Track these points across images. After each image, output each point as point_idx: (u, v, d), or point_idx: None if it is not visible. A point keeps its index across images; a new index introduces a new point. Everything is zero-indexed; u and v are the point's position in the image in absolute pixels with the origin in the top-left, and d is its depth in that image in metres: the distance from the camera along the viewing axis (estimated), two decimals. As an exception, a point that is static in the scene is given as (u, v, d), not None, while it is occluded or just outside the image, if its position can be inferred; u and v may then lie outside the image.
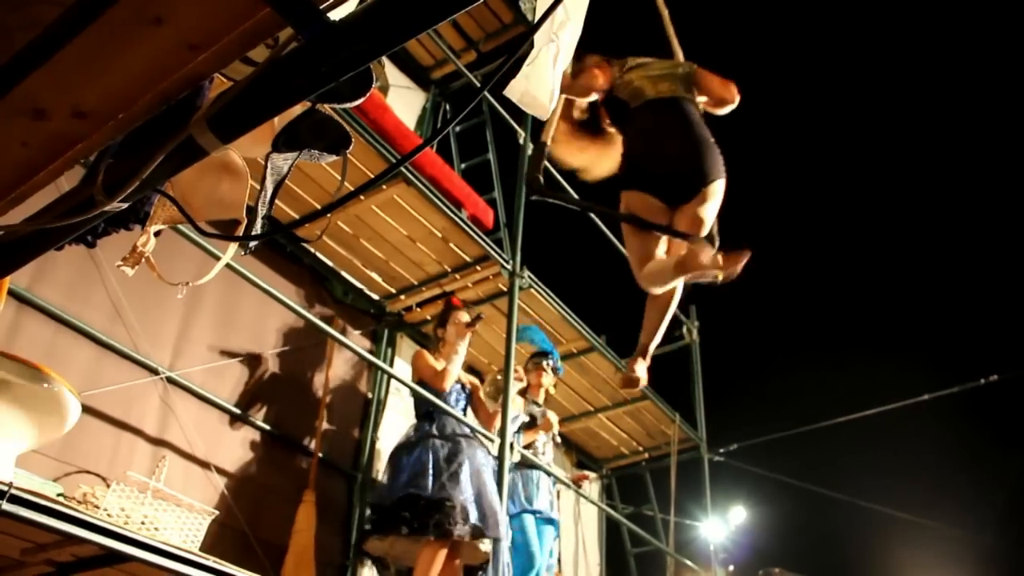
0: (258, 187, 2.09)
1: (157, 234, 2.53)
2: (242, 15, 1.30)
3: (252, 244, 2.14)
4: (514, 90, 2.24)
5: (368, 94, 2.08)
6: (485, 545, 4.76)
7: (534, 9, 5.54)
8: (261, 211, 1.97)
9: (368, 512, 5.08)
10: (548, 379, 6.11)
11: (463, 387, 5.39)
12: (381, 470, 5.31)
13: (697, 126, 3.36)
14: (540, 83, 2.22)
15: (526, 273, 5.91)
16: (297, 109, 2.21)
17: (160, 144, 1.43)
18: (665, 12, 3.81)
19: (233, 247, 2.36)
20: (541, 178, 3.20)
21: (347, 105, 2.37)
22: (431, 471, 4.71)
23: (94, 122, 1.48)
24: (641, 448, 8.52)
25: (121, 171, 1.50)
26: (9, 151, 1.53)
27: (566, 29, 2.29)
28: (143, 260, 2.40)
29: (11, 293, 3.95)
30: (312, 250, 5.82)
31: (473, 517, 4.59)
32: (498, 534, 4.66)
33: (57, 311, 4.20)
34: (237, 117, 1.39)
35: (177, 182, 2.45)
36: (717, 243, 3.32)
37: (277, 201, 5.26)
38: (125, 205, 1.52)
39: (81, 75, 1.40)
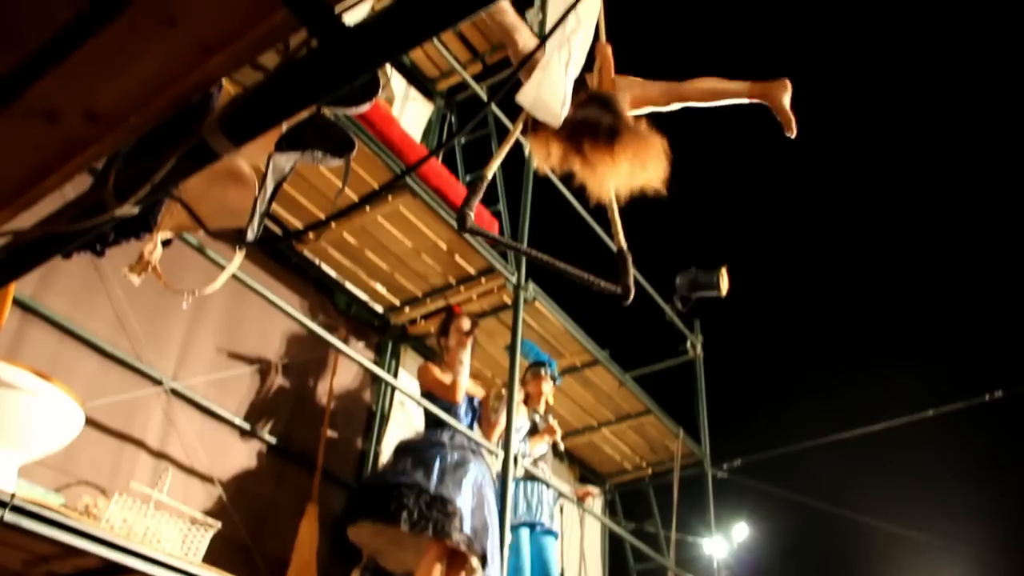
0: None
1: (165, 243, 2.51)
2: (258, 16, 1.28)
3: (251, 239, 2.11)
4: (526, 97, 2.22)
5: (374, 101, 2.07)
6: (476, 563, 4.68)
7: (541, 22, 5.54)
8: (260, 208, 1.95)
9: (356, 491, 4.98)
10: (548, 387, 6.08)
11: (471, 400, 5.35)
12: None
13: None
14: (552, 90, 2.20)
15: (531, 286, 5.89)
16: (302, 114, 2.20)
17: (172, 147, 1.41)
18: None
19: (239, 257, 2.34)
20: (471, 214, 3.14)
21: (354, 111, 2.36)
22: (436, 469, 4.65)
23: (107, 125, 1.46)
24: (644, 463, 8.47)
25: (132, 175, 1.48)
26: (21, 153, 1.51)
27: (578, 35, 2.27)
28: (150, 268, 2.38)
29: (16, 302, 3.92)
30: (317, 261, 5.80)
31: (467, 527, 4.54)
32: (485, 550, 4.57)
33: (61, 321, 4.18)
34: (250, 120, 1.37)
35: (185, 190, 2.43)
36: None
37: (283, 211, 5.29)
38: (136, 210, 1.50)
39: (94, 77, 1.39)
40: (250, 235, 2.09)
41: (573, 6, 2.14)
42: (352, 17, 1.43)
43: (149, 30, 1.30)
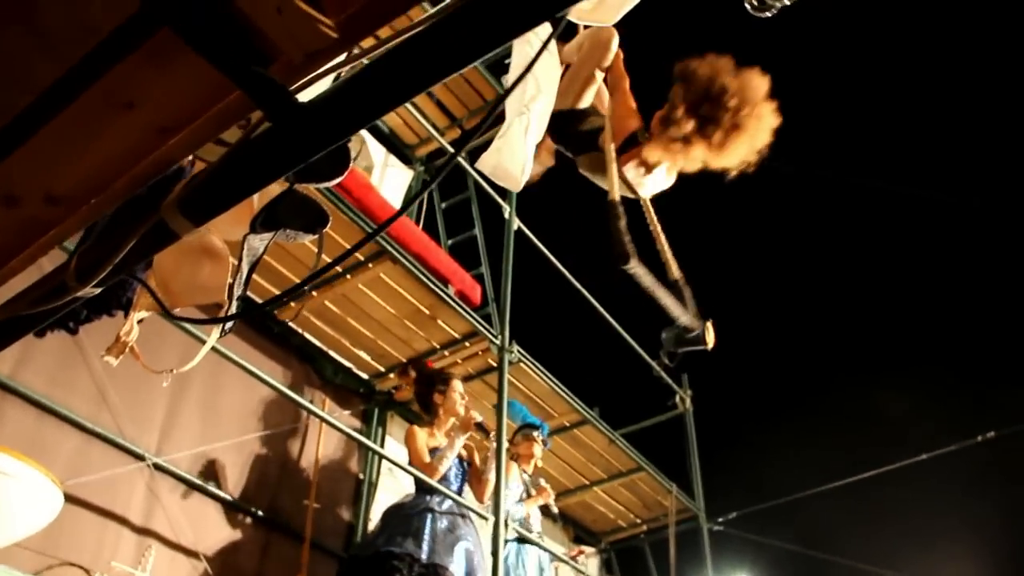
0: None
1: (140, 321, 2.51)
2: (213, 98, 1.30)
3: (230, 325, 2.11)
4: (486, 164, 2.24)
5: (346, 172, 2.09)
6: None
7: (503, 91, 5.62)
8: (237, 292, 1.95)
9: (347, 562, 4.90)
10: (539, 450, 6.03)
11: (461, 461, 5.30)
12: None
13: None
14: (512, 156, 2.22)
15: (515, 347, 5.88)
16: (276, 189, 2.22)
17: (132, 229, 1.43)
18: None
19: (216, 332, 2.34)
20: (630, 248, 2.97)
21: (325, 184, 2.38)
22: (427, 536, 4.61)
23: (67, 207, 1.47)
24: (639, 520, 8.41)
25: (94, 256, 1.48)
26: (-19, 239, 1.52)
27: (538, 101, 2.30)
28: (127, 349, 2.37)
29: (-7, 382, 3.92)
30: (299, 330, 5.80)
31: None
32: None
33: (40, 398, 4.16)
34: (208, 200, 1.38)
35: (157, 267, 2.44)
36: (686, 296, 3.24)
37: (261, 280, 5.30)
38: (97, 291, 1.50)
39: (53, 161, 1.40)
40: (228, 324, 2.08)
41: (525, 73, 2.18)
42: (314, 90, 1.45)
43: (106, 114, 1.32)
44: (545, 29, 2.44)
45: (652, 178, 3.22)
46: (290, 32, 1.18)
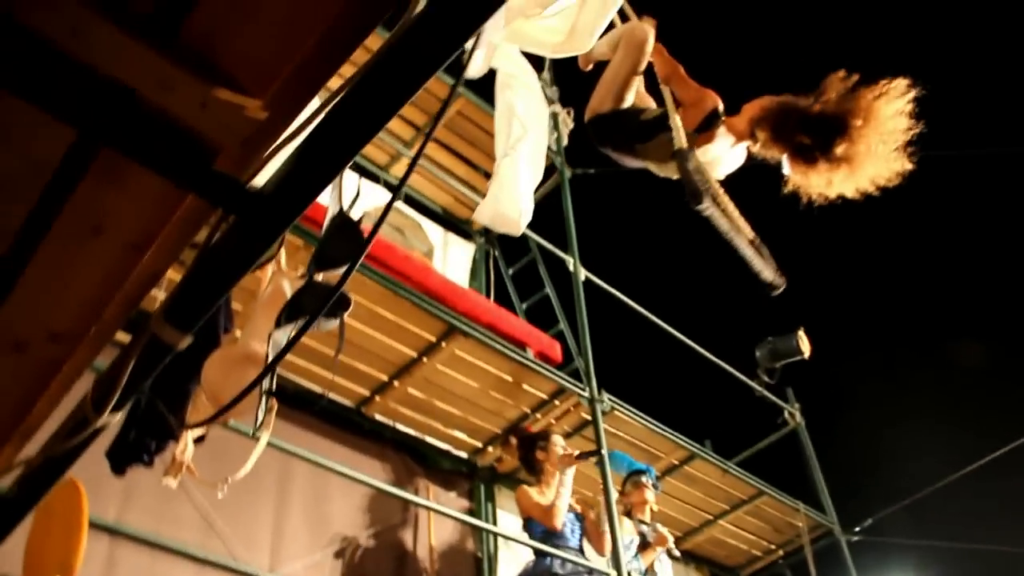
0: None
1: (199, 440, 2.56)
2: (171, 205, 1.33)
3: (259, 424, 2.13)
4: (483, 215, 2.24)
5: (364, 251, 2.11)
6: None
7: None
8: (264, 386, 1.98)
9: None
10: (651, 495, 5.90)
11: (576, 515, 5.24)
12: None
13: None
14: (509, 201, 2.21)
15: (605, 396, 5.82)
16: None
17: (133, 349, 1.45)
18: None
19: (265, 436, 2.37)
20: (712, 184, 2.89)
21: (343, 268, 2.40)
22: None
23: (71, 342, 1.52)
24: (773, 546, 8.12)
25: (105, 385, 1.52)
26: (2, 389, 1.57)
27: (525, 142, 2.29)
28: (184, 469, 2.41)
29: (100, 527, 4.01)
30: (390, 422, 5.83)
31: None
32: None
33: (149, 536, 4.24)
34: (191, 305, 1.40)
35: (206, 383, 2.49)
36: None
37: (344, 381, 5.37)
38: (116, 418, 1.53)
39: (46, 299, 1.45)
40: (259, 417, 2.10)
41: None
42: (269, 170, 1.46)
43: (78, 242, 1.36)
44: (530, 73, 2.45)
45: (730, 156, 3.12)
46: (220, 123, 1.21)
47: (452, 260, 7.38)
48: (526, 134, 2.29)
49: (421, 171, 6.92)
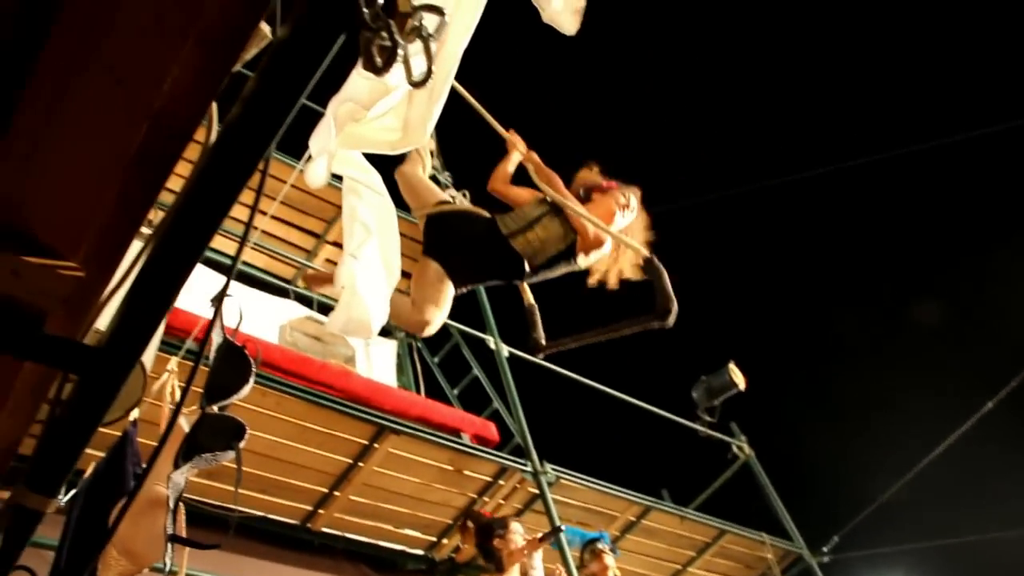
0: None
1: (120, 594, 2.50)
2: (9, 377, 1.33)
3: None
4: (335, 324, 2.25)
5: (252, 377, 2.12)
6: None
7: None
8: (168, 531, 1.96)
9: None
10: (611, 559, 5.86)
11: None
12: None
13: None
14: (359, 306, 2.24)
15: (548, 468, 5.82)
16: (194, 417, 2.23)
17: None
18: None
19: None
20: (541, 339, 3.31)
21: (238, 397, 2.40)
22: None
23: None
24: (748, 583, 8.12)
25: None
26: None
27: (368, 246, 2.32)
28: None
29: None
30: (338, 533, 5.74)
31: None
32: None
33: None
34: (49, 468, 1.39)
35: (118, 537, 2.44)
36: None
37: (281, 500, 5.29)
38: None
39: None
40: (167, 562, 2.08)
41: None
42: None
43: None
44: (374, 174, 2.50)
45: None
46: (37, 288, 1.22)
47: (376, 360, 7.36)
48: (370, 237, 2.32)
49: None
